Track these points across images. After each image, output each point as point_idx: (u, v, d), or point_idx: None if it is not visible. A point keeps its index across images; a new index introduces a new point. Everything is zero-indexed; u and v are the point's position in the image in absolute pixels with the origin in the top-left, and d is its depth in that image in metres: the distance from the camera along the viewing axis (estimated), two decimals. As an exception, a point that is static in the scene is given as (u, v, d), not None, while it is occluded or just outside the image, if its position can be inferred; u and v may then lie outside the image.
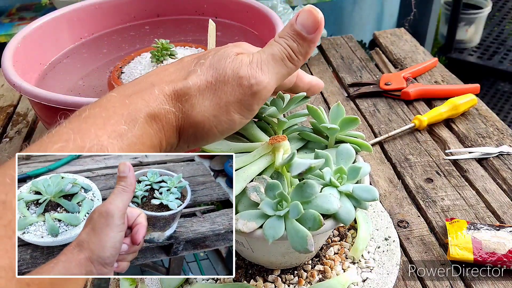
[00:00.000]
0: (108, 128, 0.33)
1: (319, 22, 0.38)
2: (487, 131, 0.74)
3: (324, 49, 1.02)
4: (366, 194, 0.42)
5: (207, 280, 0.51)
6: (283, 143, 0.46)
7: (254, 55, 0.38)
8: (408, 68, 0.91)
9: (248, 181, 0.44)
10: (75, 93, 0.72)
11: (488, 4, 1.88)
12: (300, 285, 0.50)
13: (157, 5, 0.90)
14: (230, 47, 0.40)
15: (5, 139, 0.80)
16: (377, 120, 0.79)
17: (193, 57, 0.40)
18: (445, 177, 0.66)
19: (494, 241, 0.52)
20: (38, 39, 0.77)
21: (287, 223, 0.40)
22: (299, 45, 0.39)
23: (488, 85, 1.88)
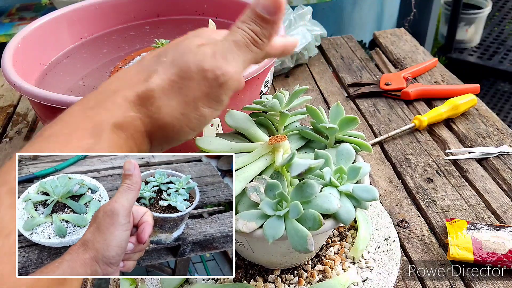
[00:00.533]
0: (72, 144, 0.32)
1: (280, 2, 0.37)
2: (487, 131, 0.74)
3: (324, 49, 1.02)
4: (366, 194, 0.42)
5: (207, 280, 0.51)
6: (283, 143, 0.46)
7: (217, 44, 0.37)
8: (408, 68, 0.91)
9: (248, 181, 0.44)
10: (75, 93, 0.72)
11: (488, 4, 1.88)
12: (300, 285, 0.50)
13: (157, 5, 0.90)
14: (191, 37, 0.38)
15: (5, 139, 0.80)
16: (377, 120, 0.79)
17: (154, 55, 0.38)
18: (445, 177, 0.66)
19: (494, 241, 0.52)
20: (38, 39, 0.77)
21: (287, 223, 0.40)
22: (262, 27, 0.37)
23: (488, 85, 1.88)
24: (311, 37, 0.93)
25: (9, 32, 1.19)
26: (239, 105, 0.63)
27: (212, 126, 0.54)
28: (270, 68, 0.69)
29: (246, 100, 0.65)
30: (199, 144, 0.47)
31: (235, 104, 0.63)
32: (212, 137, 0.48)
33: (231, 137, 0.52)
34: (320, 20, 1.00)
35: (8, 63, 0.66)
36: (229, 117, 0.51)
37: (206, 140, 0.48)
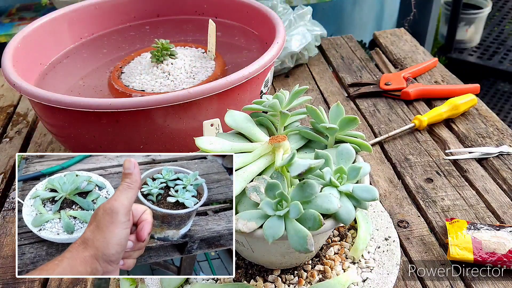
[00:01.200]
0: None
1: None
2: (487, 131, 0.74)
3: (324, 49, 1.02)
4: (366, 194, 0.42)
5: (207, 280, 0.51)
6: (283, 143, 0.46)
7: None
8: (408, 68, 0.91)
9: (248, 181, 0.44)
10: (75, 93, 0.72)
11: (488, 4, 1.88)
12: (300, 285, 0.50)
13: (157, 5, 0.90)
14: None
15: (5, 139, 0.80)
16: (377, 120, 0.79)
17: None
18: (445, 177, 0.66)
19: (494, 241, 0.52)
20: (38, 39, 0.77)
21: (287, 223, 0.40)
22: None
23: (488, 85, 1.88)
24: (311, 37, 0.93)
25: (9, 32, 1.19)
26: (239, 105, 0.63)
27: (212, 126, 0.54)
28: (270, 68, 0.69)
29: (246, 100, 0.65)
30: (199, 144, 0.47)
31: (235, 104, 0.63)
32: (212, 137, 0.48)
33: (231, 137, 0.52)
34: (320, 20, 1.00)
35: (8, 63, 0.66)
36: (229, 117, 0.51)
37: (206, 140, 0.47)
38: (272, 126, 0.53)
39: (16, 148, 0.77)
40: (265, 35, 0.78)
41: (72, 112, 0.58)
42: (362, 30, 1.88)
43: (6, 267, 0.55)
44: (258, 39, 0.82)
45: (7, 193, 0.69)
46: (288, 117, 0.51)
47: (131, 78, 0.73)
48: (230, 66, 0.76)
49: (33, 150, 0.77)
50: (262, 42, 0.80)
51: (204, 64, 0.75)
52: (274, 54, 0.66)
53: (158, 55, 0.73)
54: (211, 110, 0.61)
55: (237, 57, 0.79)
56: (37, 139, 0.79)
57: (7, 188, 0.70)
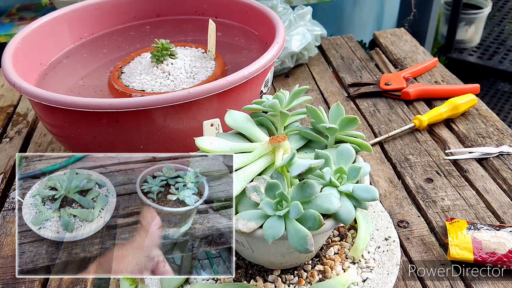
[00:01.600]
0: None
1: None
2: (487, 131, 0.74)
3: (324, 49, 1.02)
4: (366, 194, 0.42)
5: (207, 280, 0.51)
6: (283, 143, 0.46)
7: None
8: (408, 68, 0.91)
9: (248, 181, 0.44)
10: (75, 93, 0.72)
11: (488, 4, 1.88)
12: (300, 285, 0.50)
13: (157, 5, 0.90)
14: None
15: (5, 139, 0.80)
16: (377, 120, 0.79)
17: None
18: (445, 177, 0.66)
19: (494, 241, 0.52)
20: (38, 39, 0.77)
21: (287, 223, 0.40)
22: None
23: (488, 85, 1.88)
24: (311, 37, 0.93)
25: (9, 32, 1.19)
26: (239, 105, 0.63)
27: (212, 126, 0.54)
28: (270, 68, 0.69)
29: (246, 100, 0.65)
30: (199, 144, 0.47)
31: (235, 104, 0.63)
32: (212, 137, 0.48)
33: (231, 137, 0.52)
34: (320, 20, 1.00)
35: (8, 63, 0.66)
36: (229, 117, 0.51)
37: (206, 140, 0.47)
38: (272, 126, 0.53)
39: (16, 148, 0.77)
40: (265, 35, 0.78)
41: (72, 112, 0.58)
42: (362, 30, 1.88)
43: (6, 267, 0.55)
44: (258, 39, 0.82)
45: (7, 193, 0.69)
46: (288, 117, 0.51)
47: (131, 78, 0.73)
48: (230, 66, 0.76)
49: (33, 150, 0.77)
50: (262, 42, 0.80)
51: (204, 64, 0.75)
52: (274, 54, 0.66)
53: (158, 55, 0.73)
54: (211, 110, 0.61)
55: (237, 57, 0.79)
56: (37, 139, 0.79)
57: (7, 188, 0.70)
